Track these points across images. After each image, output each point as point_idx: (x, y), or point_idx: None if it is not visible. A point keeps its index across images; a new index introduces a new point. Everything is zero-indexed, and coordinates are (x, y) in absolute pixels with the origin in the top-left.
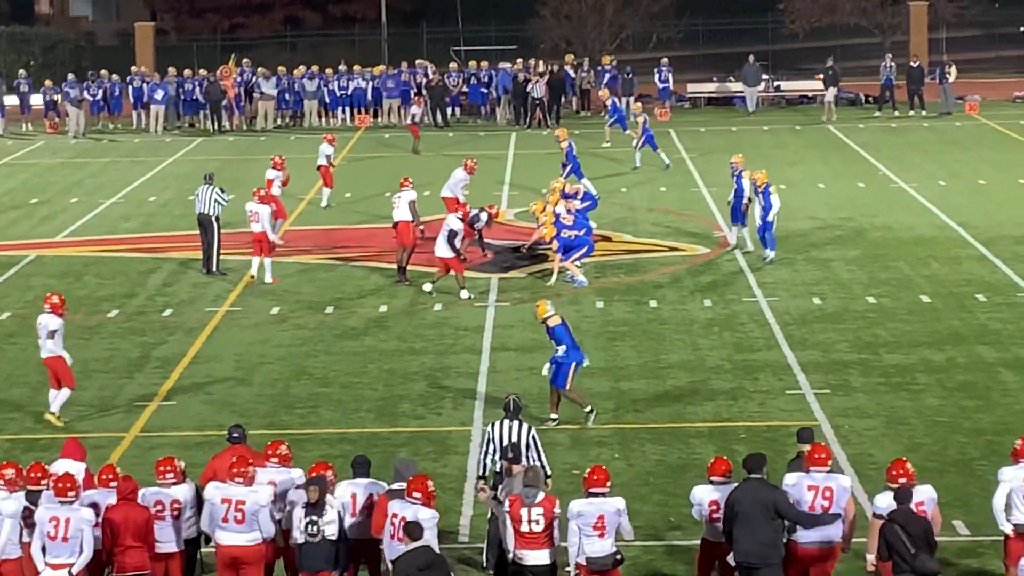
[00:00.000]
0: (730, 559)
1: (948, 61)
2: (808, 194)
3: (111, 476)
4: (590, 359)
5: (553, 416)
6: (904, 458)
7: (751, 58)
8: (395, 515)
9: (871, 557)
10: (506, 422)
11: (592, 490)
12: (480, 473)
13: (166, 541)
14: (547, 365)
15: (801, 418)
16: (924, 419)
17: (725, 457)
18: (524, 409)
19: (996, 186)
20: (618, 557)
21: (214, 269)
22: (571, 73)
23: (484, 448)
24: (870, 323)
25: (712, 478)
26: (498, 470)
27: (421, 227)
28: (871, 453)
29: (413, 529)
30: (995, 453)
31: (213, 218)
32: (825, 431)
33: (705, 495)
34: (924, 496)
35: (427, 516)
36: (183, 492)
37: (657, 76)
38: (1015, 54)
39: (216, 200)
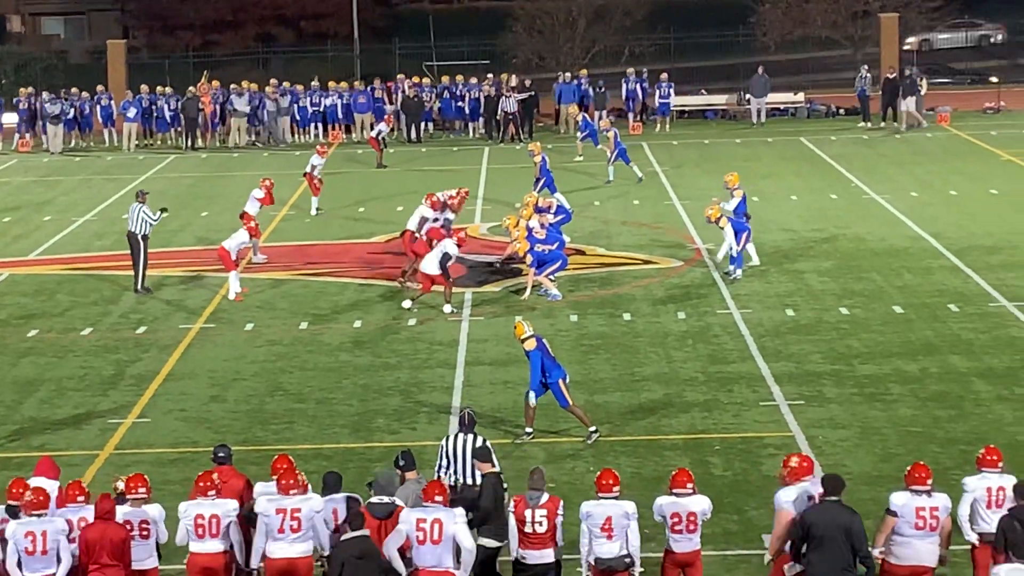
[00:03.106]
0: (787, 569)
1: (919, 73)
2: (781, 206)
3: (78, 492)
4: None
5: (528, 430)
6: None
7: (760, 69)
8: (422, 520)
9: (877, 552)
10: (460, 435)
11: (602, 493)
12: None
13: (141, 559)
14: (531, 394)
15: (775, 429)
16: (898, 429)
17: (687, 469)
18: (502, 423)
19: (967, 197)
20: (628, 560)
21: (139, 288)
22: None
23: (438, 462)
24: (843, 334)
25: (674, 490)
26: (451, 483)
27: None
28: (845, 463)
29: (355, 519)
30: (968, 463)
31: (140, 236)
32: (799, 442)
33: (667, 507)
34: (939, 503)
35: (459, 513)
36: (152, 512)
37: (657, 92)
38: (986, 65)
39: (144, 219)
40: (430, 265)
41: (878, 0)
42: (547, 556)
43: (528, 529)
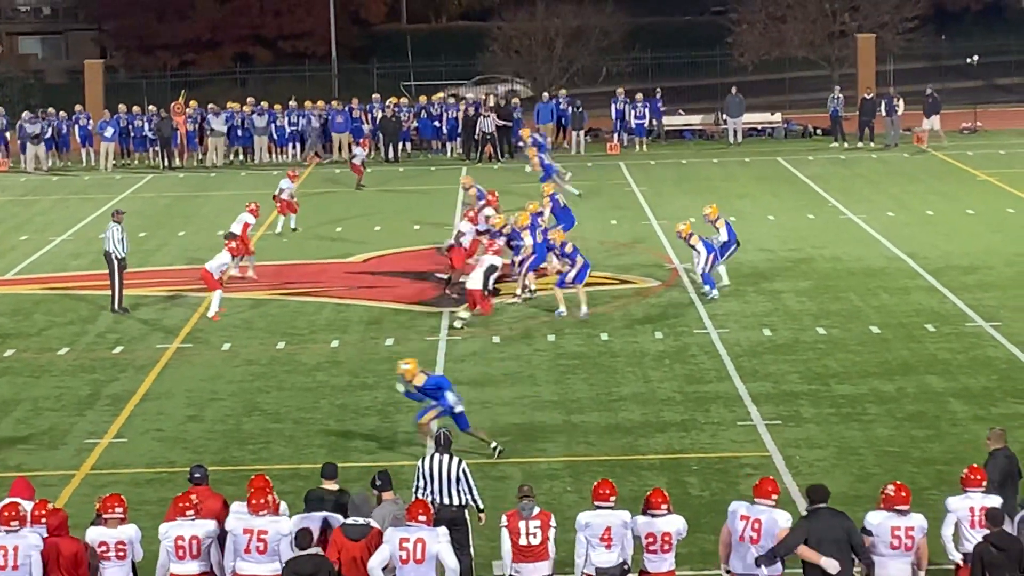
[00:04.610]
0: None
1: (896, 94)
2: (758, 226)
3: (43, 512)
4: (543, 392)
5: (493, 445)
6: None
7: (734, 90)
8: (405, 539)
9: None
10: (436, 456)
11: (599, 503)
12: None
13: None
14: (431, 416)
15: (753, 449)
16: (875, 449)
17: (662, 489)
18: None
19: (944, 217)
20: (626, 568)
21: (116, 308)
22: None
23: (415, 483)
24: (820, 354)
25: (649, 511)
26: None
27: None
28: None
29: (302, 537)
30: (945, 483)
31: (115, 256)
32: (776, 462)
33: (642, 527)
34: (915, 523)
35: (443, 532)
36: (128, 532)
37: (633, 112)
38: (962, 86)
39: (121, 239)
40: (475, 281)
41: (855, 20)
42: (543, 569)
43: (523, 542)
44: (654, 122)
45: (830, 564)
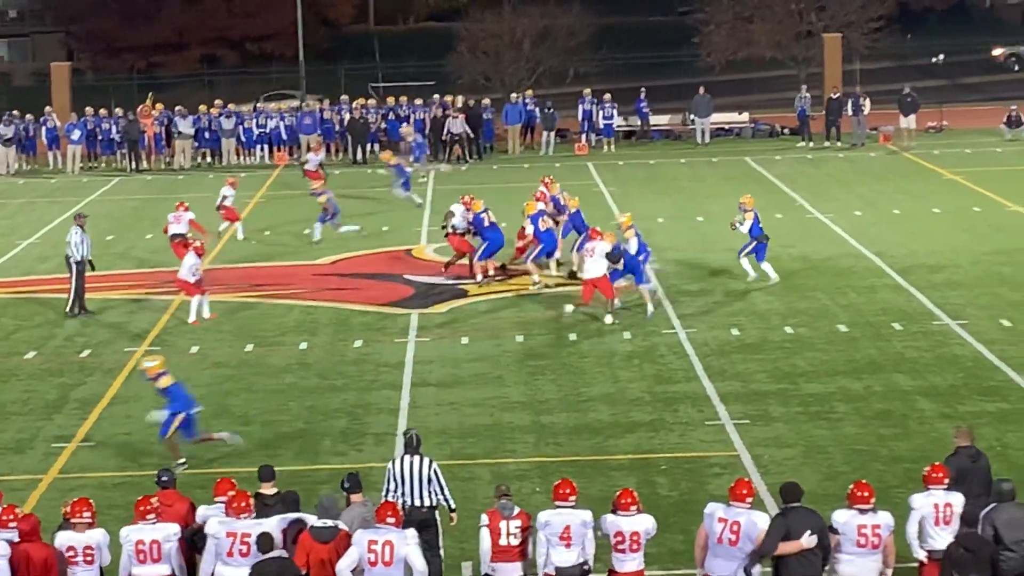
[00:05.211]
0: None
1: (863, 93)
2: (725, 226)
3: (11, 517)
4: (511, 393)
5: (182, 461)
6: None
7: (701, 90)
8: (373, 541)
9: None
10: (407, 457)
11: (558, 502)
12: None
13: None
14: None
15: (721, 449)
16: (843, 448)
17: (631, 489)
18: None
19: (911, 216)
20: (586, 568)
21: (72, 311)
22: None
23: (385, 485)
24: (788, 353)
25: (617, 511)
26: (400, 506)
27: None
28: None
29: (263, 541)
30: (912, 480)
31: (73, 261)
32: (745, 461)
33: (610, 526)
34: (882, 521)
35: (411, 534)
36: (96, 537)
37: (601, 112)
38: (927, 85)
39: (82, 242)
40: (595, 269)
41: (821, 21)
42: (516, 570)
43: (503, 542)
44: (638, 122)
45: (809, 541)
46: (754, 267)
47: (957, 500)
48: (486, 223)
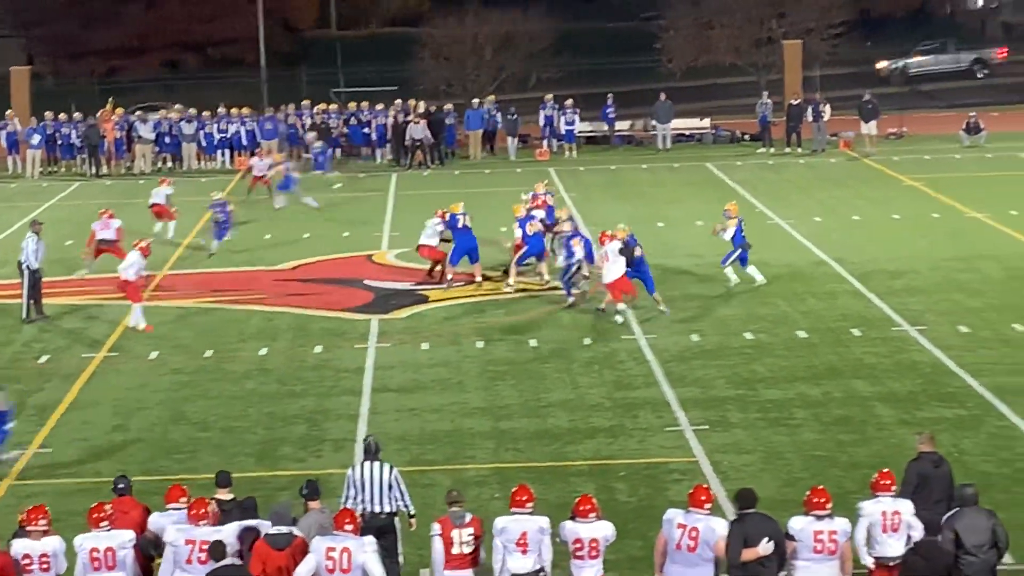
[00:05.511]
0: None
1: (822, 99)
2: (686, 232)
3: None
4: (471, 398)
5: None
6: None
7: (663, 96)
8: (331, 548)
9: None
10: (366, 463)
11: (515, 509)
12: None
13: None
14: None
15: (680, 455)
16: (801, 454)
17: (590, 496)
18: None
19: (870, 222)
20: (542, 574)
21: (35, 316)
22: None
23: (345, 492)
24: (748, 359)
25: (576, 517)
26: (359, 513)
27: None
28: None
29: (216, 549)
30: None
31: (26, 267)
32: (704, 468)
33: (569, 533)
34: (838, 527)
35: (369, 541)
36: (52, 545)
37: (563, 118)
38: (888, 92)
39: (36, 250)
40: (614, 271)
41: (781, 27)
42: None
43: (455, 550)
44: (605, 127)
45: (767, 548)
46: (738, 273)
47: (905, 507)
48: (460, 224)
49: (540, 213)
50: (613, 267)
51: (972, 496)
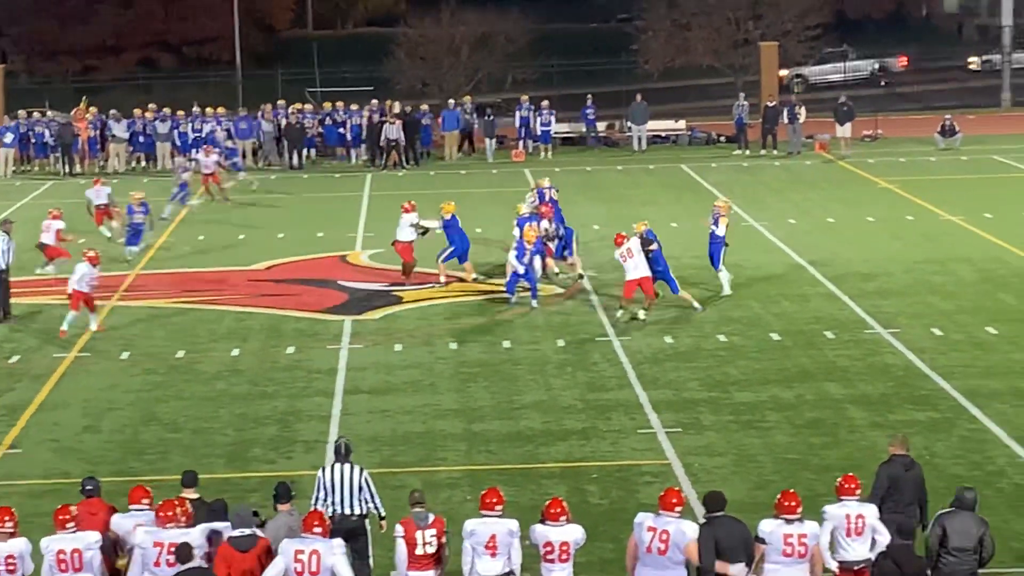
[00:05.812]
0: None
1: (798, 101)
2: (661, 233)
3: None
4: (444, 400)
5: None
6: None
7: (638, 97)
8: (300, 551)
9: None
10: (337, 465)
11: (484, 511)
12: None
13: None
14: None
15: (653, 457)
16: (773, 456)
17: (560, 499)
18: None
19: (844, 224)
20: None
21: (2, 316)
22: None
23: (315, 494)
24: (721, 361)
25: (546, 520)
26: (329, 515)
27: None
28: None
29: (182, 551)
30: None
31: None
32: (676, 470)
33: (539, 536)
34: (808, 530)
35: (338, 544)
36: (18, 546)
37: (539, 119)
38: (863, 94)
39: (6, 250)
40: (638, 269)
41: (758, 29)
42: None
43: (419, 551)
44: (582, 128)
45: (738, 572)
46: (712, 271)
47: (870, 511)
48: (459, 226)
49: (545, 223)
50: (637, 264)
51: (971, 501)
